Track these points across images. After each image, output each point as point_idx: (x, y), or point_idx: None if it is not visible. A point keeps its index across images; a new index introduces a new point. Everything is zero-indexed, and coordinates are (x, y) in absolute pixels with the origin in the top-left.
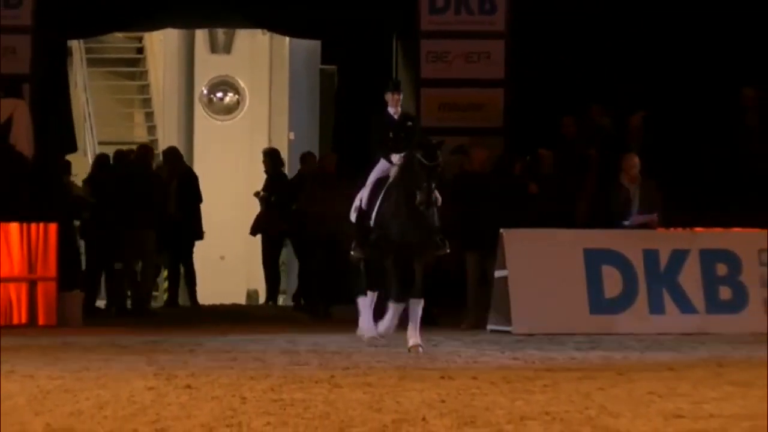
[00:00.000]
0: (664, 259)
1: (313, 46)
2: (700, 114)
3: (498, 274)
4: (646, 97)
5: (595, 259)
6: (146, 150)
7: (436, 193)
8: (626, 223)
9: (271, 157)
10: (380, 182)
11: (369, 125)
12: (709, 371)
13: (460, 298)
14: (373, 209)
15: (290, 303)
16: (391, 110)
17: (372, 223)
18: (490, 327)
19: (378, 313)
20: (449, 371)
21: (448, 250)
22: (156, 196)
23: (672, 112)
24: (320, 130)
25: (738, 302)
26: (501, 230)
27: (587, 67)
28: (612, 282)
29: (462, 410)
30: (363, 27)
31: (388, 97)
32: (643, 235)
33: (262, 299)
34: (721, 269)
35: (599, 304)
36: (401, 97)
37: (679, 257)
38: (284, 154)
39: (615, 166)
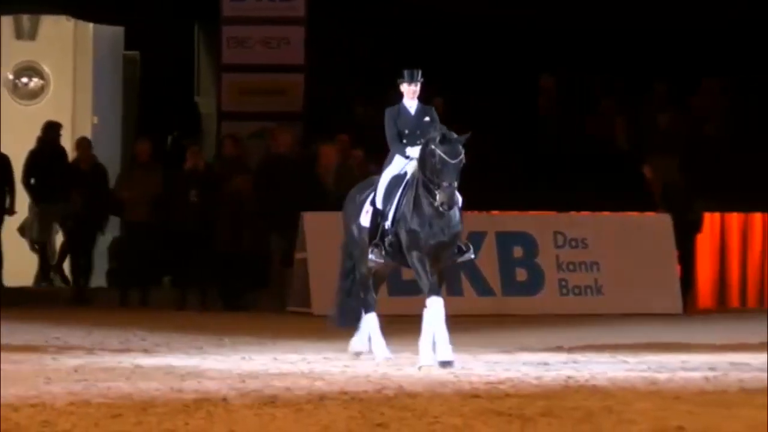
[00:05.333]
0: None
1: (116, 32)
2: (498, 98)
3: (299, 255)
4: (445, 82)
5: None
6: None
7: (458, 195)
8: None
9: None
10: (397, 179)
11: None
12: (505, 352)
13: (264, 278)
14: (389, 208)
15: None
16: (407, 103)
17: (389, 223)
18: (290, 308)
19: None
20: (249, 352)
21: (473, 256)
22: None
23: (470, 97)
24: (123, 114)
25: (534, 284)
26: (302, 213)
27: (386, 52)
28: None
29: (262, 390)
30: (165, 13)
31: (404, 87)
32: None
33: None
34: (518, 251)
35: (398, 285)
36: (418, 88)
37: (475, 240)
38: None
39: None
